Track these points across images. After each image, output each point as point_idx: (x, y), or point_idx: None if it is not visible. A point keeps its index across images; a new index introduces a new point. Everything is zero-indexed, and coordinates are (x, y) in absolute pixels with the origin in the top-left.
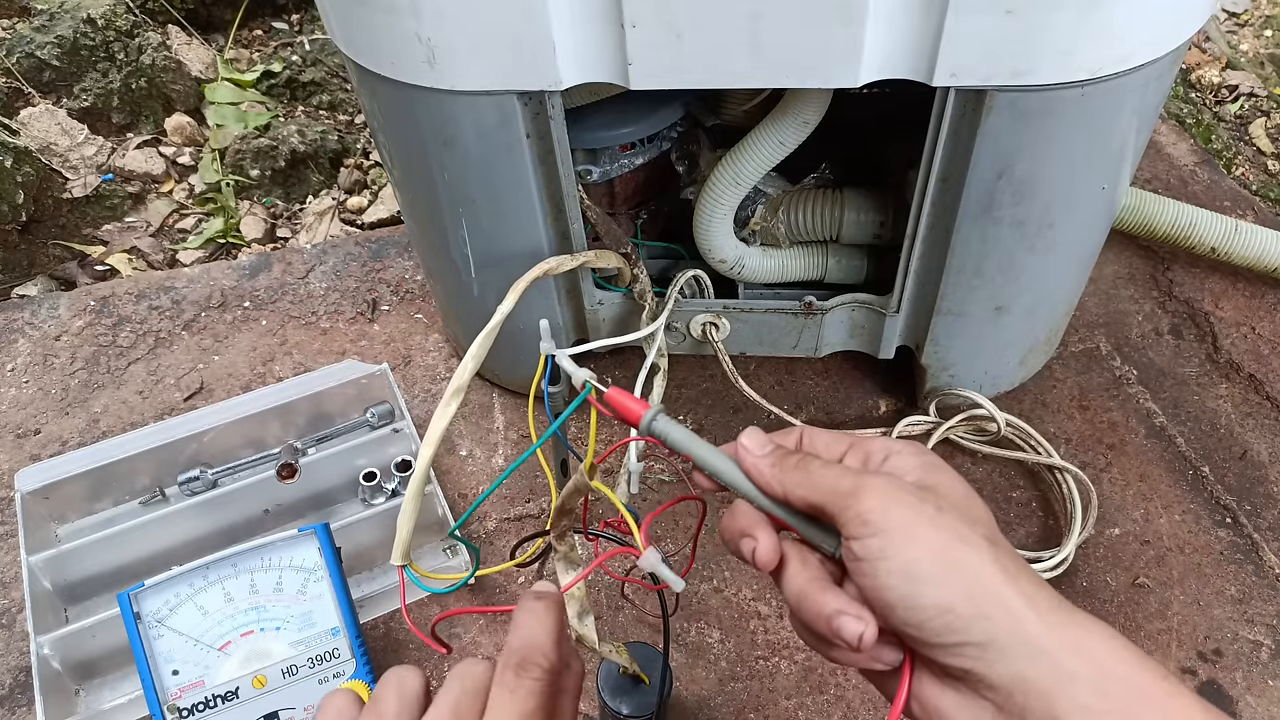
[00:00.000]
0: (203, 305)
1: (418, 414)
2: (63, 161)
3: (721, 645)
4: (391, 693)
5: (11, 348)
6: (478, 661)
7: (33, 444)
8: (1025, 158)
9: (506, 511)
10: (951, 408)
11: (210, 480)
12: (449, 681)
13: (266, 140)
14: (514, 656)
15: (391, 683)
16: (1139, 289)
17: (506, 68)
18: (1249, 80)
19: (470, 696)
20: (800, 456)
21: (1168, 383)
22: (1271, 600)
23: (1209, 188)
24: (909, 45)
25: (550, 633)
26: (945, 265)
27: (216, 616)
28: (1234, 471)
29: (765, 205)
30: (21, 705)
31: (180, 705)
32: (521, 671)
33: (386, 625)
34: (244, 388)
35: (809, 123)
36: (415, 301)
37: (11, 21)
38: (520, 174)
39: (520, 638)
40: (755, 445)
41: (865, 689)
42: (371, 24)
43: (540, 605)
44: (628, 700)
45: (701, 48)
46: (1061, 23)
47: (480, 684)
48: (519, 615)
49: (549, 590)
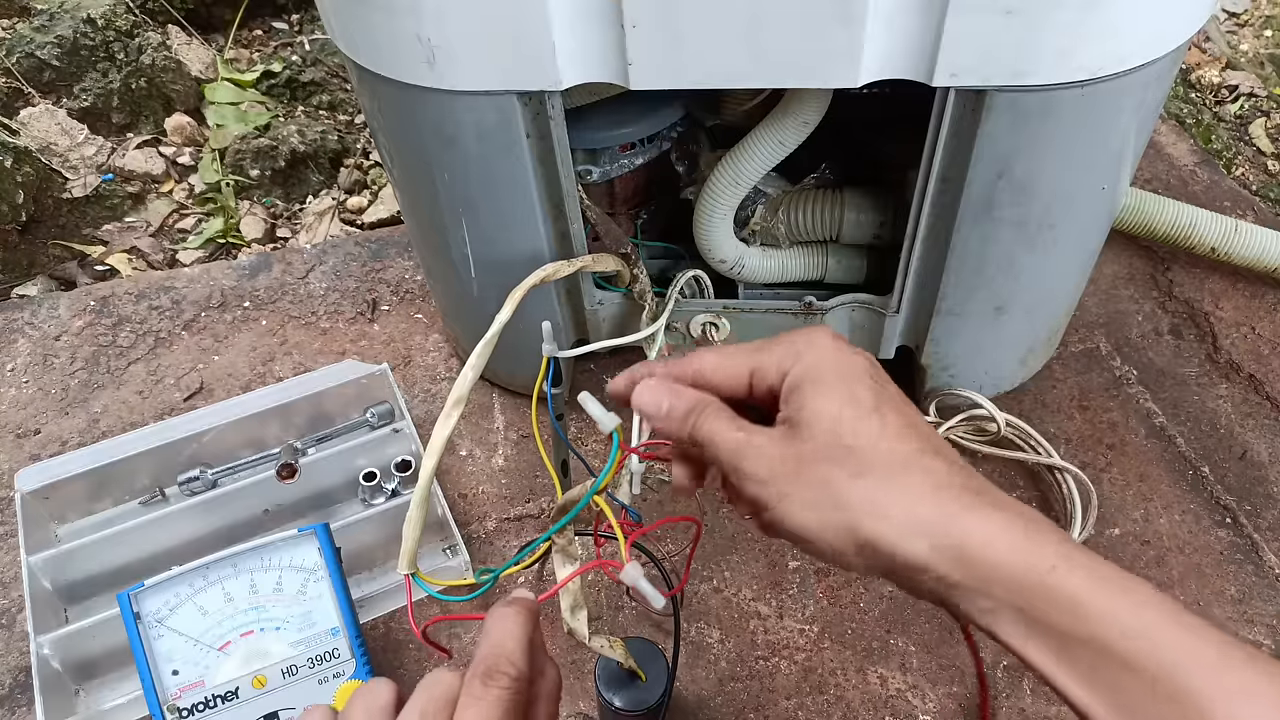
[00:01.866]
0: (203, 305)
1: (418, 414)
2: (63, 161)
3: (721, 645)
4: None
5: (11, 348)
6: (446, 670)
7: (33, 444)
8: (1025, 158)
9: (506, 511)
10: (951, 408)
11: (210, 480)
12: (417, 691)
13: (266, 140)
14: (481, 665)
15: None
16: (1139, 289)
17: (506, 68)
18: (1249, 80)
19: (437, 705)
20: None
21: (1168, 383)
22: (1271, 600)
23: (1209, 188)
24: (909, 45)
25: (518, 640)
26: (945, 265)
27: (216, 616)
28: (1234, 471)
29: (765, 205)
30: (21, 705)
31: (180, 705)
32: (489, 680)
33: (386, 625)
34: (244, 388)
35: (809, 123)
36: (415, 301)
37: (11, 21)
38: (520, 174)
39: (488, 646)
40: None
41: (865, 689)
42: (371, 24)
43: (509, 612)
44: (622, 694)
45: (701, 48)
46: (1061, 23)
47: (448, 693)
48: (488, 623)
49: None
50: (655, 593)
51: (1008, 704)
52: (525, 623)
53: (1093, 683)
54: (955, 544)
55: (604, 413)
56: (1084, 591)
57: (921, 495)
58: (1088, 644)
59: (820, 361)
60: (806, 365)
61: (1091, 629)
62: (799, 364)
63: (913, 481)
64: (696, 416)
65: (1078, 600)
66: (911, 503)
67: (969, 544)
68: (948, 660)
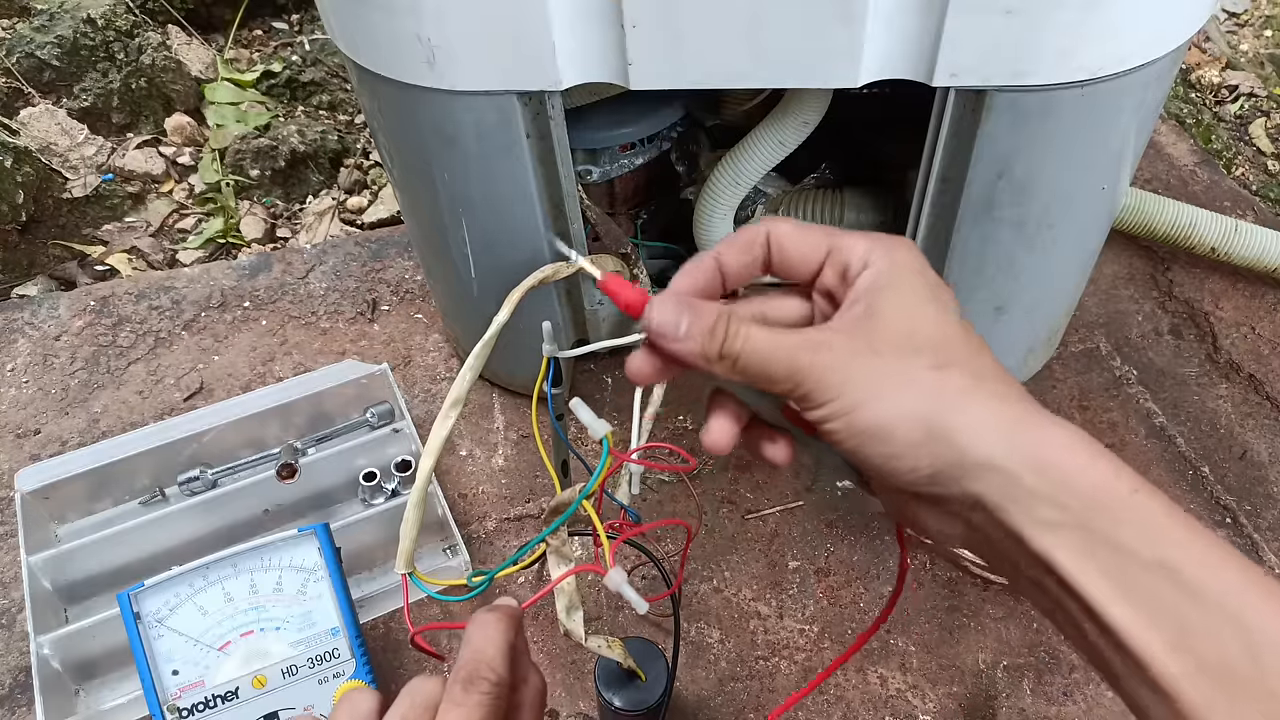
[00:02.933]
0: (203, 305)
1: (418, 414)
2: (63, 161)
3: (721, 645)
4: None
5: (11, 348)
6: (429, 677)
7: (33, 444)
8: (1025, 158)
9: (506, 511)
10: None
11: (210, 480)
12: (400, 697)
13: (266, 140)
14: (462, 671)
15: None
16: (1139, 289)
17: (506, 68)
18: (1249, 80)
19: (418, 711)
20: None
21: (1168, 383)
22: None
23: (1209, 188)
24: (909, 45)
25: (498, 647)
26: (945, 265)
27: (216, 616)
28: (1234, 471)
29: (765, 205)
30: (21, 705)
31: (180, 705)
32: (469, 686)
33: (386, 625)
34: (244, 388)
35: (809, 123)
36: (415, 301)
37: (11, 21)
38: (520, 174)
39: (469, 652)
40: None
41: (865, 689)
42: (371, 24)
43: (491, 619)
44: (622, 694)
45: (701, 48)
46: (1061, 23)
47: (429, 699)
48: (470, 630)
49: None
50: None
51: (1008, 704)
52: (506, 629)
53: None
54: (1033, 446)
55: (594, 419)
56: (1163, 516)
57: (1003, 397)
58: (1157, 569)
59: (909, 262)
60: (895, 261)
61: (1163, 552)
62: (887, 259)
63: (992, 384)
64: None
65: (1154, 522)
66: (992, 401)
67: (1048, 448)
68: (948, 660)
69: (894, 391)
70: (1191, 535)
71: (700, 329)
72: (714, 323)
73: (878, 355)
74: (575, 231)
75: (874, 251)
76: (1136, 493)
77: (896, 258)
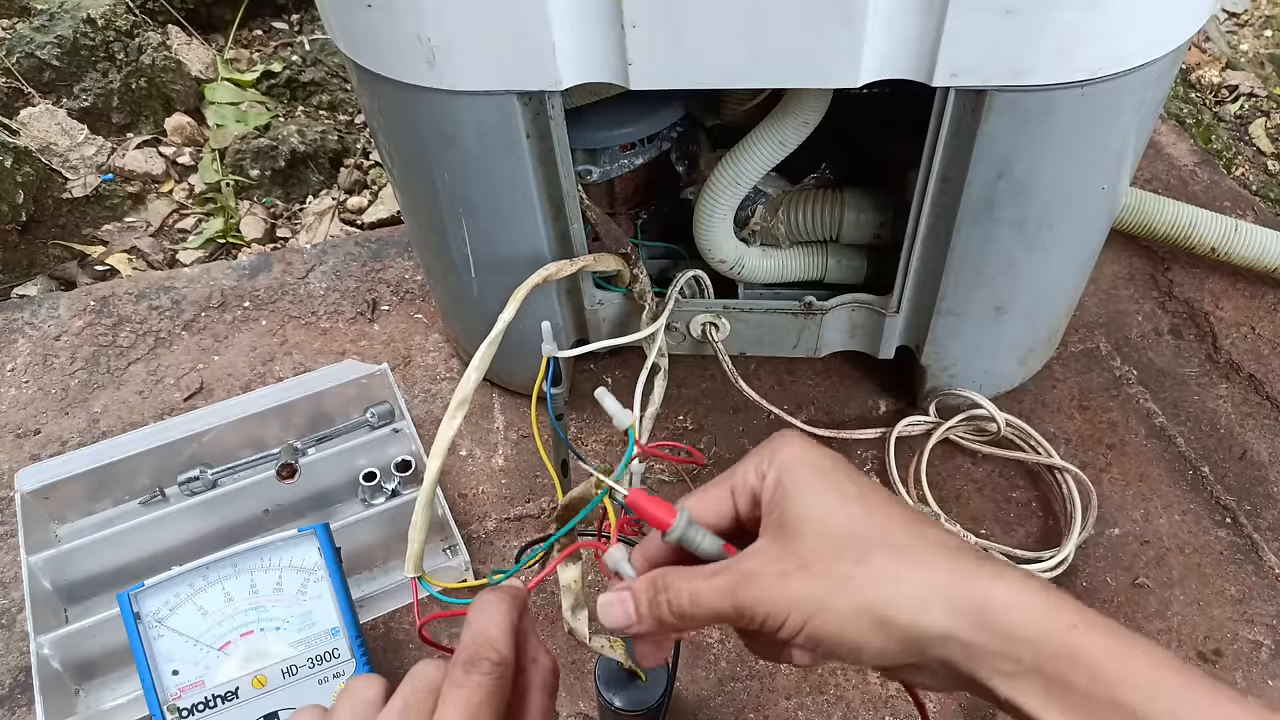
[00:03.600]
0: (203, 305)
1: (418, 414)
2: (63, 161)
3: (721, 645)
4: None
5: (11, 348)
6: (432, 661)
7: (33, 444)
8: (1025, 158)
9: (506, 511)
10: (951, 408)
11: (210, 480)
12: (404, 681)
13: (266, 140)
14: (464, 652)
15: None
16: (1139, 289)
17: (506, 68)
18: (1249, 80)
19: (421, 695)
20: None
21: (1168, 383)
22: (1271, 600)
23: (1209, 188)
24: (909, 45)
25: (501, 627)
26: (945, 265)
27: (216, 616)
28: (1234, 471)
29: (765, 205)
30: (21, 705)
31: (180, 705)
32: (470, 667)
33: (386, 625)
34: (244, 388)
35: (809, 123)
36: (415, 301)
37: (11, 21)
38: (520, 174)
39: (471, 634)
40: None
41: (865, 689)
42: (371, 24)
43: (493, 599)
44: (622, 694)
45: (701, 48)
46: (1061, 23)
47: (432, 682)
48: (473, 611)
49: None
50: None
51: None
52: (510, 610)
53: None
54: (976, 606)
55: (620, 408)
56: (1103, 651)
57: (931, 563)
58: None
59: (793, 457)
60: (782, 462)
61: (1113, 692)
62: (773, 464)
63: (918, 553)
64: (663, 593)
65: (1098, 661)
66: (923, 572)
67: (990, 605)
68: None
69: (833, 598)
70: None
71: (644, 603)
72: (650, 595)
73: (807, 568)
74: (575, 232)
75: (763, 461)
76: (1074, 628)
77: (781, 458)
